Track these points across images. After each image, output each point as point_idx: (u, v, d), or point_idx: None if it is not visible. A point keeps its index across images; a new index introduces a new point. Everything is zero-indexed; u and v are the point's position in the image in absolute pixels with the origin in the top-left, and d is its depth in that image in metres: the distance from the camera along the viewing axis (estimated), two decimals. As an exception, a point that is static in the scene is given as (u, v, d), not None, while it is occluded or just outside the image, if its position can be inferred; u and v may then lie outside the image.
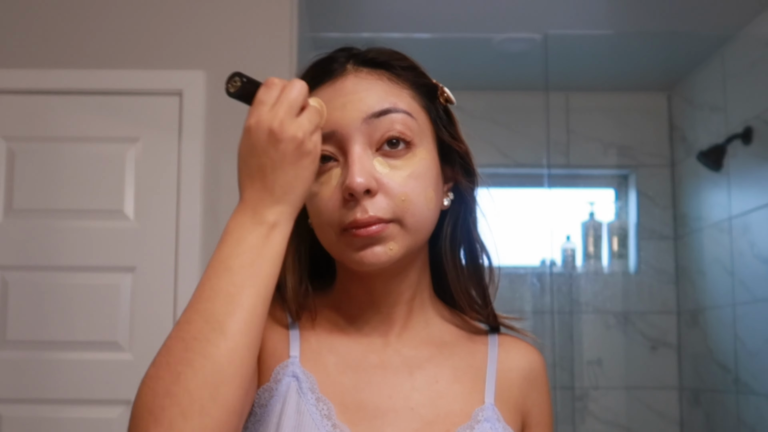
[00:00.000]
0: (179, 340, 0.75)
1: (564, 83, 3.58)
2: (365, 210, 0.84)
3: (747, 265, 3.11)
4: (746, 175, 3.17)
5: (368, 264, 0.86)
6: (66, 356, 2.43)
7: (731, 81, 3.26)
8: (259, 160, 0.81)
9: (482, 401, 0.91)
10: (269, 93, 0.81)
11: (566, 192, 3.85)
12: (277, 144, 0.79)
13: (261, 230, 0.80)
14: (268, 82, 0.82)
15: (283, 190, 0.81)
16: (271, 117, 0.80)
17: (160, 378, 0.73)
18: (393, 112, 0.87)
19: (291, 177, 0.80)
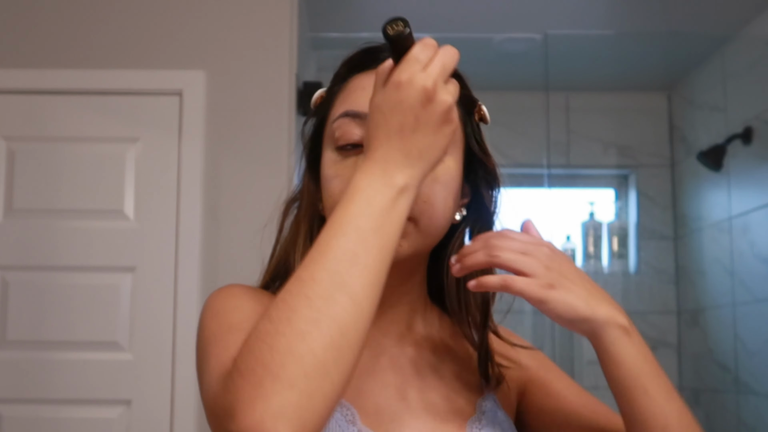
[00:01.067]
0: (303, 297, 0.70)
1: (564, 83, 3.58)
2: None
3: (747, 265, 3.11)
4: (746, 175, 3.17)
5: None
6: (66, 356, 2.43)
7: (731, 81, 3.26)
8: (403, 117, 0.76)
9: (482, 392, 0.94)
10: (425, 52, 0.77)
11: (566, 192, 3.85)
12: (428, 104, 0.75)
13: (390, 193, 0.75)
14: (426, 41, 0.79)
15: (419, 153, 0.76)
16: (425, 76, 0.76)
17: (281, 334, 0.68)
18: None
19: (430, 141, 0.76)
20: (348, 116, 0.87)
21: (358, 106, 0.87)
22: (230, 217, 2.50)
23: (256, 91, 2.56)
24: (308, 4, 2.87)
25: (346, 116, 0.88)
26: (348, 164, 0.86)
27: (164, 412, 2.40)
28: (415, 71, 0.76)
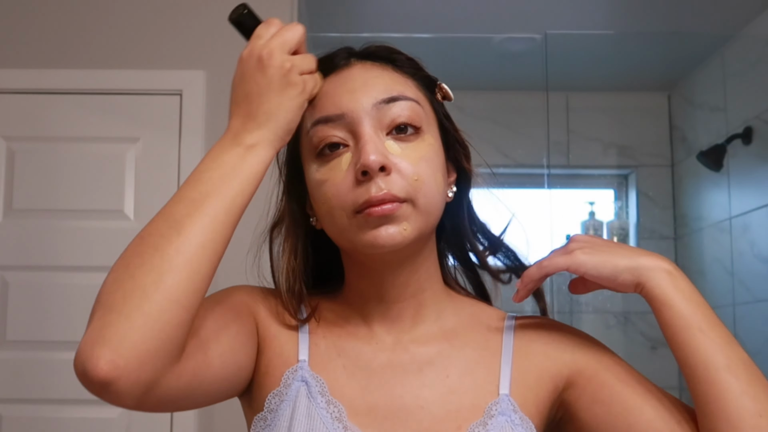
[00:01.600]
0: (138, 238, 0.80)
1: (564, 83, 3.58)
2: (380, 187, 0.84)
3: (747, 265, 3.11)
4: (746, 175, 3.17)
5: (382, 244, 0.84)
6: (66, 356, 2.42)
7: (731, 81, 3.26)
8: (246, 86, 0.84)
9: (496, 393, 0.88)
10: (267, 29, 0.85)
11: (566, 192, 3.85)
12: (264, 70, 0.83)
13: (238, 150, 0.82)
14: (269, 21, 0.86)
15: (266, 116, 0.83)
16: (262, 46, 0.84)
17: (113, 271, 0.78)
18: (402, 99, 0.88)
19: (275, 104, 0.83)
20: (320, 122, 0.89)
21: (326, 110, 0.89)
22: (230, 217, 2.50)
23: (256, 91, 2.56)
24: (308, 4, 2.87)
25: (318, 123, 0.89)
26: (332, 167, 0.87)
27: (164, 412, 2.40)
28: (254, 45, 0.85)
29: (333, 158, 0.87)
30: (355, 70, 0.91)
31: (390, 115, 0.87)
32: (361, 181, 0.84)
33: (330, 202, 0.86)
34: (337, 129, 0.87)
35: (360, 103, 0.87)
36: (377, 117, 0.87)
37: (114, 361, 0.71)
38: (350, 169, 0.86)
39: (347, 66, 0.91)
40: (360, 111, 0.87)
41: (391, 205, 0.84)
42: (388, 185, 0.84)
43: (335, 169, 0.87)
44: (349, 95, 0.88)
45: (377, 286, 0.92)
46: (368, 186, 0.84)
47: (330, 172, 0.87)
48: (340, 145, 0.87)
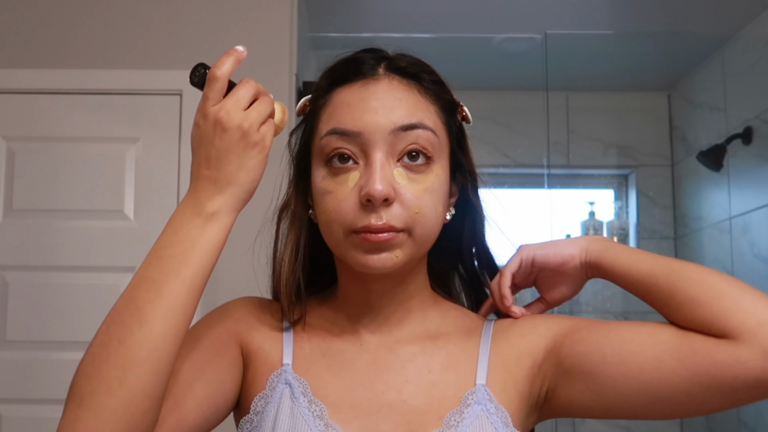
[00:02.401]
0: (103, 324, 0.80)
1: (564, 83, 3.58)
2: (380, 217, 0.86)
3: (747, 265, 3.11)
4: (746, 175, 3.17)
5: (373, 267, 0.87)
6: (66, 356, 2.43)
7: (731, 81, 3.26)
8: (206, 150, 0.82)
9: (473, 383, 0.91)
10: (213, 87, 0.84)
11: (566, 192, 3.85)
12: (223, 133, 0.81)
13: (198, 221, 0.82)
14: (211, 76, 0.84)
15: (226, 180, 0.82)
16: (217, 108, 0.82)
17: (83, 362, 0.79)
18: (420, 128, 0.89)
19: (235, 167, 0.82)
20: (335, 134, 0.90)
21: (343, 123, 0.89)
22: (230, 217, 2.50)
23: (256, 91, 2.56)
24: (308, 4, 2.87)
25: (333, 133, 0.90)
26: (339, 181, 0.89)
27: (164, 412, 2.40)
28: (208, 106, 0.83)
29: (341, 172, 0.89)
30: (381, 87, 0.91)
31: (405, 141, 0.88)
32: (365, 206, 0.86)
33: (330, 215, 0.89)
34: (351, 144, 0.88)
35: (378, 126, 0.88)
36: (392, 143, 0.88)
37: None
38: (355, 189, 0.88)
39: (374, 78, 0.92)
40: (376, 134, 0.88)
41: (388, 234, 0.86)
42: (389, 216, 0.86)
43: (342, 184, 0.88)
44: (370, 114, 0.89)
45: (365, 294, 0.95)
46: (369, 214, 0.86)
47: (336, 186, 0.89)
48: (350, 159, 0.89)
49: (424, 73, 0.93)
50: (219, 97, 0.83)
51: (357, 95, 0.91)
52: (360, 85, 0.91)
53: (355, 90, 0.91)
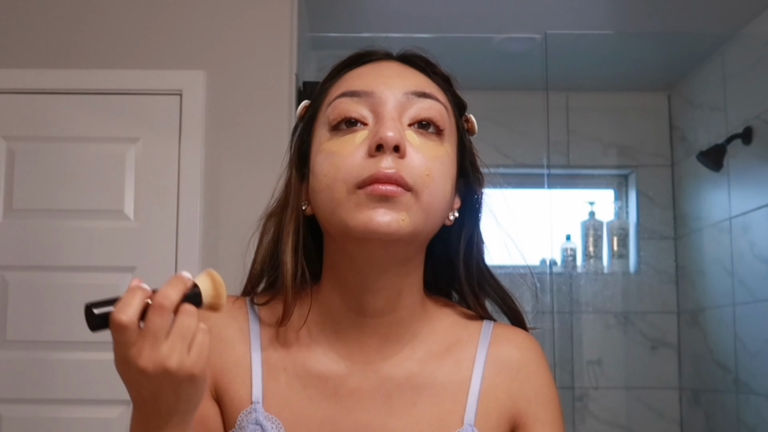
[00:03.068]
0: None
1: (564, 83, 3.58)
2: (390, 165, 0.80)
3: (747, 265, 3.11)
4: (746, 175, 3.17)
5: (375, 229, 0.79)
6: (66, 356, 2.43)
7: (731, 81, 3.26)
8: (137, 391, 0.72)
9: (461, 423, 0.86)
10: (123, 335, 0.69)
11: (566, 192, 3.85)
12: (151, 380, 0.70)
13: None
14: (116, 323, 0.69)
15: (168, 413, 0.73)
16: (136, 355, 0.69)
17: None
18: (433, 99, 0.86)
19: (174, 401, 0.72)
20: (345, 96, 0.85)
21: (353, 86, 0.86)
22: (230, 217, 2.50)
23: (256, 91, 2.56)
24: (308, 4, 2.87)
25: (343, 96, 0.85)
26: (345, 140, 0.83)
27: (164, 412, 2.40)
28: (124, 353, 0.70)
29: (347, 133, 0.83)
30: (393, 64, 0.89)
31: (417, 108, 0.84)
32: (372, 156, 0.81)
33: (335, 173, 0.81)
34: (361, 106, 0.84)
35: (391, 88, 0.85)
36: (404, 106, 0.84)
37: None
38: (363, 145, 0.82)
39: (386, 61, 0.90)
40: (389, 94, 0.84)
41: (395, 187, 0.79)
42: (399, 167, 0.80)
43: (347, 142, 0.82)
44: (381, 79, 0.86)
45: (357, 295, 0.86)
46: (378, 161, 0.80)
47: (341, 144, 0.83)
48: (358, 122, 0.83)
49: (431, 66, 0.91)
50: (134, 341, 0.69)
51: (370, 68, 0.88)
52: (373, 64, 0.89)
53: (367, 66, 0.89)
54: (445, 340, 0.90)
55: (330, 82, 0.90)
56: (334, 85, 0.89)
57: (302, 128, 0.92)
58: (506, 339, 0.92)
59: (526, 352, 0.92)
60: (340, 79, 0.89)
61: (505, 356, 0.90)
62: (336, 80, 0.90)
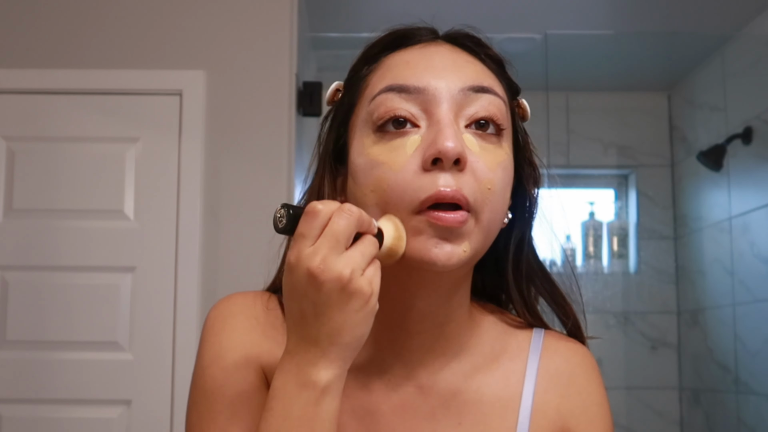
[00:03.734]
0: None
1: (564, 83, 3.58)
2: (450, 181, 0.70)
3: (747, 265, 3.11)
4: (746, 175, 3.17)
5: (434, 260, 0.71)
6: (66, 356, 2.43)
7: (731, 81, 3.26)
8: (299, 304, 0.67)
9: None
10: (311, 224, 0.66)
11: (566, 192, 3.85)
12: (319, 287, 0.65)
13: (308, 395, 0.67)
14: (310, 209, 0.66)
15: (329, 340, 0.66)
16: (311, 254, 0.65)
17: None
18: (492, 93, 0.76)
19: (338, 324, 0.66)
20: (392, 90, 0.74)
21: (403, 79, 0.75)
22: (230, 217, 2.50)
23: (256, 91, 2.56)
24: (308, 4, 2.87)
25: (389, 91, 0.74)
26: (394, 147, 0.72)
27: (164, 412, 2.40)
28: (301, 250, 0.66)
29: (396, 137, 0.73)
30: (444, 49, 0.78)
31: (475, 106, 0.74)
32: (429, 171, 0.71)
33: (385, 191, 0.72)
34: (410, 103, 0.73)
35: (446, 83, 0.74)
36: (461, 104, 0.74)
37: None
38: (416, 154, 0.72)
39: (434, 42, 0.80)
40: (443, 91, 0.74)
41: (462, 215, 0.70)
42: (460, 183, 0.71)
43: (397, 150, 0.72)
44: (433, 71, 0.75)
45: (402, 311, 0.78)
46: (435, 178, 0.70)
47: (390, 153, 0.72)
48: (408, 123, 0.73)
49: (483, 47, 0.81)
50: (316, 237, 0.66)
51: (418, 54, 0.77)
52: (420, 47, 0.78)
53: (414, 51, 0.78)
54: (492, 351, 0.82)
55: (368, 68, 0.80)
56: (374, 72, 0.79)
57: (338, 121, 0.81)
58: (557, 350, 0.84)
59: (577, 366, 0.83)
60: (381, 65, 0.79)
61: (555, 369, 0.83)
62: (376, 66, 0.79)
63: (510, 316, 0.86)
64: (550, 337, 0.85)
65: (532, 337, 0.84)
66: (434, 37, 0.81)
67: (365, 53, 0.81)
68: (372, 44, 0.81)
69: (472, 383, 0.80)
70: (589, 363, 0.85)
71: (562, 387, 0.82)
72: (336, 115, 0.81)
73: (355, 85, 0.79)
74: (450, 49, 0.79)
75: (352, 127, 0.78)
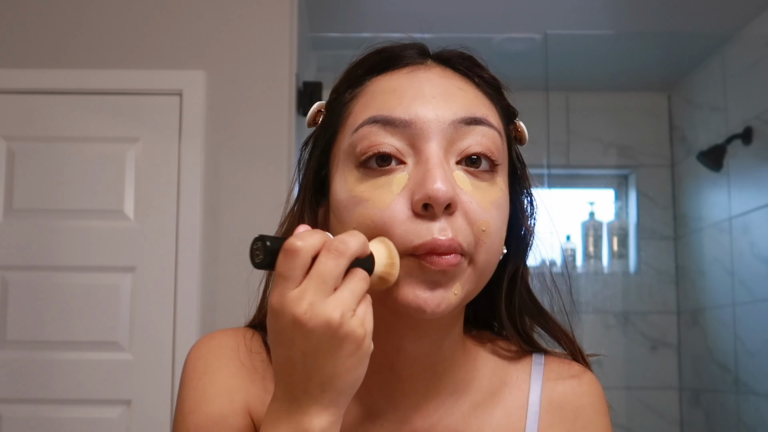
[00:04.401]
0: None
1: (564, 83, 3.58)
2: (446, 230, 0.66)
3: (747, 265, 3.11)
4: (746, 175, 3.17)
5: (422, 306, 0.66)
6: (66, 356, 2.43)
7: (731, 81, 3.26)
8: (287, 351, 0.62)
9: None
10: (291, 264, 0.60)
11: (566, 192, 3.85)
12: (307, 335, 0.60)
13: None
14: (289, 248, 0.60)
15: (321, 388, 0.61)
16: (296, 298, 0.60)
17: None
18: (486, 125, 0.71)
19: (329, 372, 0.61)
20: (376, 123, 0.69)
21: (388, 110, 0.69)
22: (230, 217, 2.50)
23: (256, 91, 2.56)
24: (308, 4, 2.87)
25: (373, 123, 0.69)
26: (379, 185, 0.68)
27: (164, 412, 2.40)
28: (283, 293, 0.60)
29: (380, 174, 0.68)
30: (435, 74, 0.72)
31: (467, 139, 0.69)
32: (419, 216, 0.66)
33: (369, 227, 0.67)
34: (396, 138, 0.68)
35: (436, 115, 0.68)
36: (452, 138, 0.69)
37: None
38: (403, 195, 0.67)
39: (423, 65, 0.73)
40: (432, 124, 0.68)
41: (454, 258, 0.66)
42: (454, 229, 0.66)
43: (383, 188, 0.67)
44: (422, 100, 0.69)
45: (391, 354, 0.73)
46: (429, 225, 0.66)
47: (375, 190, 0.67)
48: (393, 159, 0.68)
49: (478, 68, 0.76)
50: (299, 278, 0.60)
51: (405, 80, 0.71)
52: (407, 71, 0.72)
53: (401, 75, 0.71)
54: (491, 385, 0.78)
55: (351, 92, 0.74)
56: (357, 99, 0.73)
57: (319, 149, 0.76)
58: (560, 378, 0.79)
59: (583, 396, 0.79)
60: (365, 90, 0.73)
61: (559, 401, 0.78)
62: (359, 91, 0.74)
63: (506, 345, 0.81)
64: (552, 363, 0.81)
65: (532, 365, 0.80)
66: (424, 58, 0.74)
67: (348, 74, 0.76)
68: (355, 64, 0.76)
69: (472, 423, 0.75)
70: (596, 391, 0.80)
71: (568, 421, 0.78)
72: (317, 142, 0.76)
73: (337, 111, 0.74)
74: (441, 74, 0.73)
75: (334, 157, 0.73)
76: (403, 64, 0.73)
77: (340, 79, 0.77)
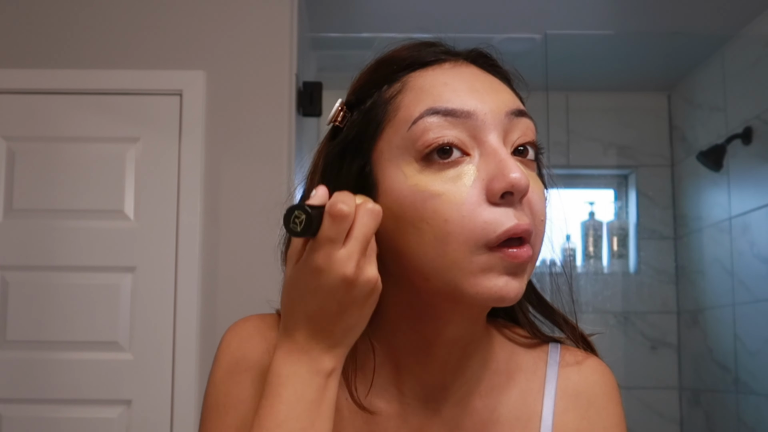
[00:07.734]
0: None
1: (564, 83, 3.58)
2: (522, 216, 0.68)
3: (747, 265, 3.11)
4: (746, 175, 3.17)
5: (502, 297, 0.68)
6: (66, 356, 2.43)
7: (731, 81, 3.26)
8: (324, 303, 0.67)
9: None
10: (340, 227, 0.65)
11: (566, 192, 3.85)
12: (352, 290, 0.66)
13: (318, 381, 0.68)
14: (336, 212, 0.65)
15: (344, 333, 0.68)
16: (344, 261, 0.65)
17: None
18: (528, 117, 0.73)
19: (355, 319, 0.68)
20: (437, 114, 0.69)
21: (447, 101, 0.69)
22: (230, 217, 2.50)
23: (256, 91, 2.56)
24: (308, 4, 2.87)
25: (433, 114, 0.69)
26: (451, 177, 0.68)
27: (164, 412, 2.40)
28: (330, 254, 0.65)
29: (447, 167, 0.68)
30: (476, 70, 0.74)
31: (517, 131, 0.71)
32: (497, 205, 0.67)
33: (446, 222, 0.67)
34: (458, 130, 0.68)
35: (491, 107, 0.70)
36: (507, 129, 0.70)
37: None
38: (475, 187, 0.68)
39: (464, 62, 0.74)
40: (491, 115, 0.69)
41: (529, 249, 0.69)
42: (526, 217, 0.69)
43: (455, 181, 0.68)
44: (476, 94, 0.70)
45: (430, 339, 0.75)
46: (508, 211, 0.67)
47: (446, 183, 0.68)
48: (456, 150, 0.68)
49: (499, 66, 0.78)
50: (344, 239, 0.65)
51: (452, 74, 0.71)
52: (449, 66, 0.73)
53: (445, 71, 0.72)
54: (507, 368, 0.80)
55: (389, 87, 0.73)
56: (404, 93, 0.72)
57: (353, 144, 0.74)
58: (575, 368, 0.82)
59: (596, 386, 0.81)
60: (409, 85, 0.72)
61: (573, 388, 0.80)
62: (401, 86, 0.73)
63: (522, 331, 0.83)
64: (567, 353, 0.83)
65: (549, 353, 0.82)
66: (456, 56, 0.75)
67: (377, 71, 0.75)
68: (385, 60, 0.75)
69: (489, 402, 0.78)
70: (609, 381, 0.82)
71: (582, 408, 0.79)
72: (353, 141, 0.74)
73: (378, 106, 0.73)
74: (479, 69, 0.74)
75: (380, 152, 0.72)
76: (443, 60, 0.74)
77: (365, 76, 0.76)
